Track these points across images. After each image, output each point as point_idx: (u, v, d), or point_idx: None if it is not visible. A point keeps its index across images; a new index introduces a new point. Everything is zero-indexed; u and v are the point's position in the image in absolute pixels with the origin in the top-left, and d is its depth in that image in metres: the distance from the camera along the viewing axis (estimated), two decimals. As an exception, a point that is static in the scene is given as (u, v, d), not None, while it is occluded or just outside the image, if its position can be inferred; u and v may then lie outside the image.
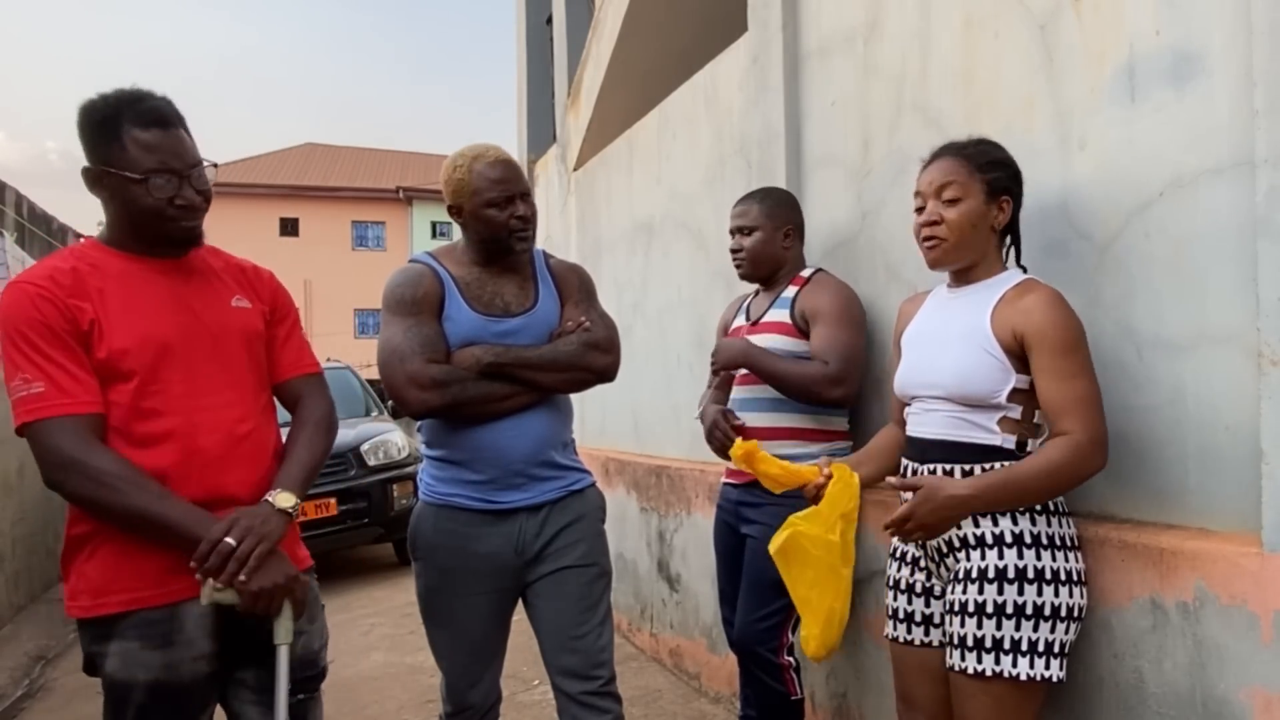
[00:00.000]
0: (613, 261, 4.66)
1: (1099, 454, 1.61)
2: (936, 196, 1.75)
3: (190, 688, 1.60)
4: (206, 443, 1.63)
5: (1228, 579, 1.50)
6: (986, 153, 1.76)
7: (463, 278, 2.06)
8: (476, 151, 2.04)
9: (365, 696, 3.84)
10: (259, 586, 1.54)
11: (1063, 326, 1.62)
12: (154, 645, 1.57)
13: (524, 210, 2.03)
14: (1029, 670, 1.59)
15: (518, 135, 6.69)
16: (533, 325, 2.06)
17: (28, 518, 6.11)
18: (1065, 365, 1.61)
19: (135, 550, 1.56)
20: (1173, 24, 1.65)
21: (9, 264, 4.79)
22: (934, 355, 1.77)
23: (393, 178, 29.09)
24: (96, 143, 1.59)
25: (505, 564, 2.04)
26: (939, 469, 1.72)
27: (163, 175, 1.59)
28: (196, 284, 1.71)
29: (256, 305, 1.80)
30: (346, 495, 6.29)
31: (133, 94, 1.61)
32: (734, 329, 2.62)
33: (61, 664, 4.83)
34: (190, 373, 1.64)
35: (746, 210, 2.53)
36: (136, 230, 1.65)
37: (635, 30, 4.50)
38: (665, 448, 4.00)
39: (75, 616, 1.61)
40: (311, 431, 1.79)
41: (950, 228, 1.73)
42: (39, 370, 1.52)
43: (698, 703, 3.42)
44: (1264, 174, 1.45)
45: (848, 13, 2.63)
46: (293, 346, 1.85)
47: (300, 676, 1.72)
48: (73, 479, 1.51)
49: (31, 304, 1.54)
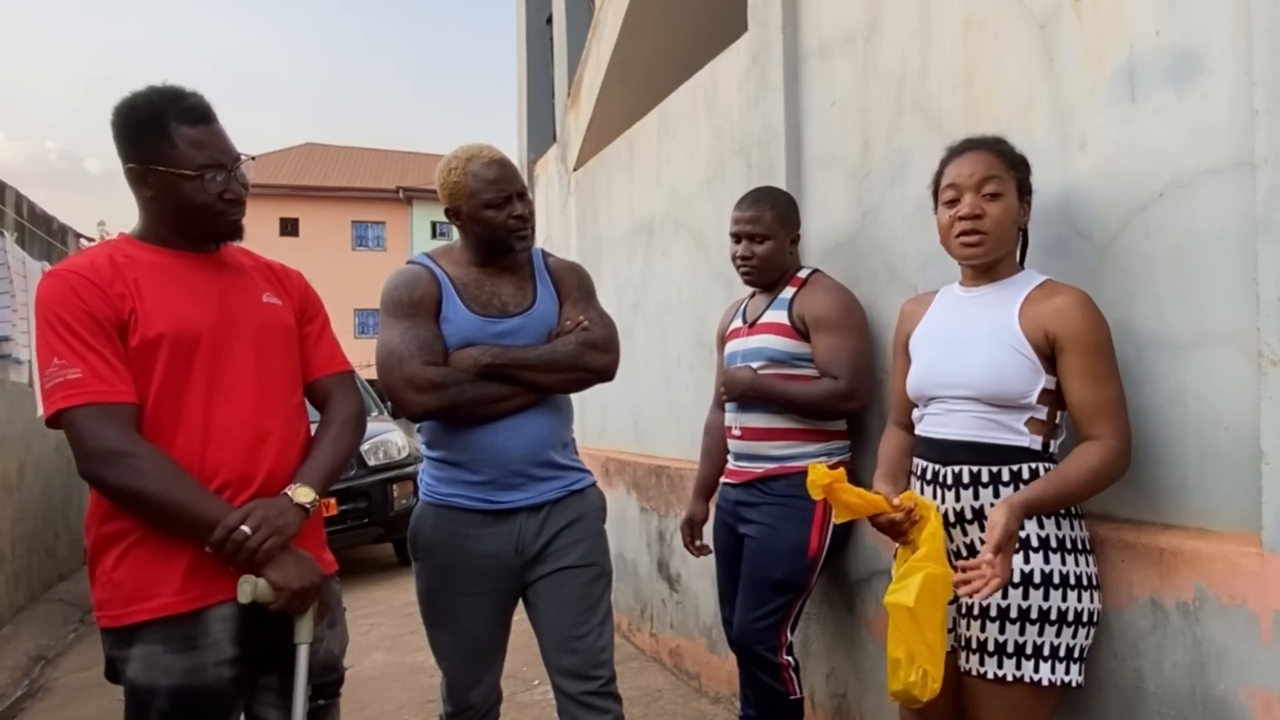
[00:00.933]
0: (613, 261, 4.66)
1: (1127, 459, 1.62)
2: (976, 190, 1.68)
3: (214, 693, 1.59)
4: (234, 435, 1.62)
5: (1228, 579, 1.50)
6: (1013, 151, 1.75)
7: (460, 279, 2.06)
8: (470, 152, 2.04)
9: (365, 696, 3.83)
10: (300, 585, 1.55)
11: (1095, 329, 1.62)
12: (178, 650, 1.56)
13: (521, 209, 2.02)
14: (1050, 675, 1.59)
15: (518, 135, 6.69)
16: (531, 325, 2.06)
17: (28, 518, 6.11)
18: (1098, 368, 1.61)
19: (162, 554, 1.55)
20: (1173, 24, 1.65)
21: (9, 264, 4.79)
22: (958, 355, 1.73)
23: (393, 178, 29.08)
24: (142, 141, 1.59)
25: (505, 564, 2.04)
26: (964, 470, 1.69)
27: (214, 170, 1.60)
28: (229, 279, 1.71)
29: (287, 303, 1.79)
30: (346, 495, 6.29)
31: (172, 91, 1.61)
32: (732, 331, 2.62)
33: (61, 664, 4.83)
34: (221, 365, 1.63)
35: (759, 217, 2.45)
36: (183, 226, 1.64)
37: (635, 30, 4.50)
38: (665, 448, 4.00)
39: (104, 626, 1.59)
40: (338, 430, 1.78)
41: (994, 223, 1.68)
42: (77, 356, 1.50)
43: (698, 703, 3.42)
44: (1264, 174, 1.45)
45: (848, 13, 2.63)
46: (324, 345, 1.85)
47: (321, 681, 1.72)
48: (113, 468, 1.49)
49: (73, 291, 1.53)
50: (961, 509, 1.70)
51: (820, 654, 2.75)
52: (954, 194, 1.72)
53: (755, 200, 2.50)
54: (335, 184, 28.64)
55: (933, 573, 1.58)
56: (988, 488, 1.67)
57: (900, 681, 1.60)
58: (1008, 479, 1.66)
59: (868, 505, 1.71)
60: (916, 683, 1.58)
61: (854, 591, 2.56)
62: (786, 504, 2.37)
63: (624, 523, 4.18)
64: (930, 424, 1.78)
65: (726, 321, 2.71)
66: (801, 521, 2.35)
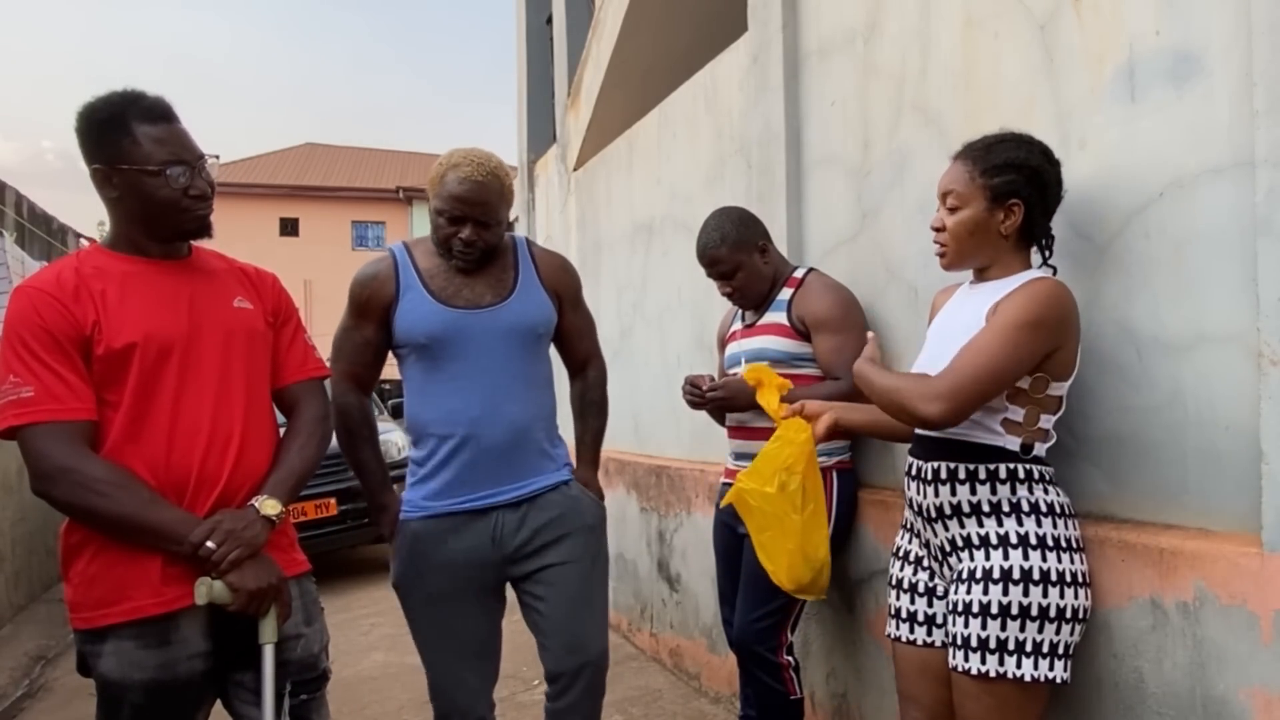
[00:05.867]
0: (613, 262, 4.66)
1: (935, 401, 1.61)
2: (941, 202, 1.76)
3: (186, 686, 1.61)
4: (197, 438, 1.62)
5: (1227, 579, 1.50)
6: (996, 154, 1.71)
7: (428, 270, 2.06)
8: (459, 160, 2.01)
9: (365, 696, 3.84)
10: (256, 587, 1.55)
11: (1021, 306, 1.62)
12: (151, 645, 1.57)
13: (471, 235, 1.98)
14: (1033, 671, 1.59)
15: (518, 135, 6.68)
16: (504, 316, 2.05)
17: (28, 518, 6.11)
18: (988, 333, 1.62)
19: (131, 557, 1.56)
20: (1173, 24, 1.65)
21: (9, 264, 4.79)
22: (943, 351, 1.75)
23: (393, 178, 29.04)
24: (104, 141, 1.60)
25: (485, 561, 2.03)
26: (943, 466, 1.71)
27: (177, 166, 1.61)
28: (199, 284, 1.72)
29: (258, 307, 1.79)
30: (346, 495, 6.27)
31: (132, 93, 1.63)
32: (731, 333, 2.62)
33: (61, 664, 4.83)
34: (190, 370, 1.64)
35: (717, 257, 2.43)
36: (150, 226, 1.65)
37: (635, 30, 4.50)
38: (665, 448, 4.00)
39: (78, 629, 1.60)
40: (304, 439, 1.78)
41: (950, 235, 1.74)
42: (30, 374, 1.51)
43: (698, 703, 3.42)
44: (1264, 174, 1.45)
45: (848, 13, 2.63)
46: (296, 350, 1.85)
47: (301, 679, 1.73)
48: (60, 486, 1.51)
49: (33, 308, 1.54)
50: (941, 504, 1.72)
51: (820, 654, 2.75)
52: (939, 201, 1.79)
53: (705, 244, 2.47)
54: (335, 184, 28.60)
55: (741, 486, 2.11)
56: (965, 484, 1.69)
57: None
58: (984, 477, 1.67)
59: (771, 412, 2.18)
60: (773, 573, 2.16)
61: (854, 591, 2.56)
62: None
63: (624, 523, 4.18)
64: None
65: (726, 323, 2.71)
66: (801, 521, 2.35)
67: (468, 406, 2.01)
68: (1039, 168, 1.71)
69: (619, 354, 4.33)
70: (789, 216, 2.89)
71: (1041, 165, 1.71)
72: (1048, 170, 1.72)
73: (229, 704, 1.72)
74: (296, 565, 1.77)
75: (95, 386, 1.57)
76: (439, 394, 2.03)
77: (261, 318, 1.79)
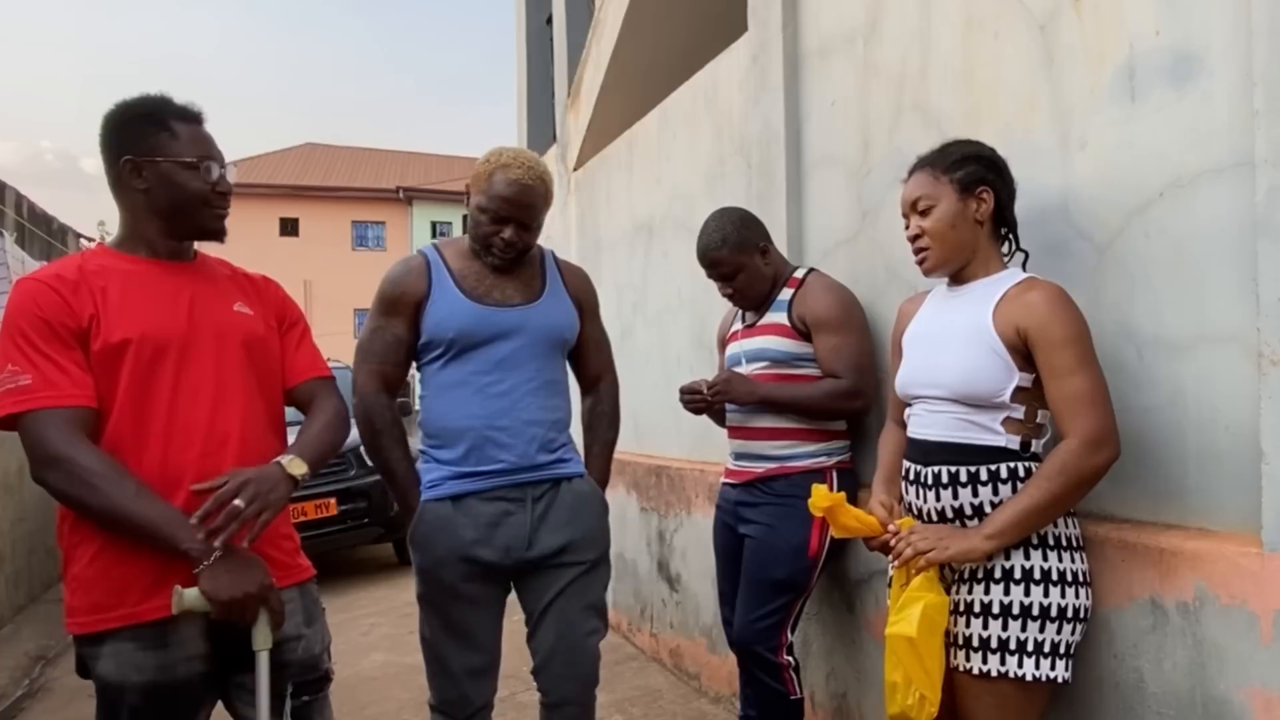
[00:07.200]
0: (613, 262, 4.66)
1: (1098, 450, 1.58)
2: (914, 211, 1.79)
3: (185, 688, 1.60)
4: (193, 438, 1.63)
5: (1228, 579, 1.50)
6: (952, 153, 1.78)
7: (460, 270, 2.08)
8: (509, 161, 2.03)
9: (365, 696, 3.84)
10: (229, 596, 1.52)
11: (1063, 322, 1.61)
12: (149, 647, 1.57)
13: (513, 236, 2.02)
14: (1035, 671, 1.59)
15: (518, 135, 6.69)
16: (534, 316, 2.08)
17: (28, 518, 6.11)
18: (1062, 361, 1.61)
19: (128, 561, 1.55)
20: (1173, 24, 1.65)
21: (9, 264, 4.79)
22: (936, 355, 1.76)
23: (393, 178, 29.07)
24: (142, 134, 1.65)
25: (497, 557, 2.03)
26: (943, 471, 1.71)
27: (210, 161, 1.69)
28: (201, 287, 1.73)
29: (259, 312, 1.81)
30: (346, 495, 6.28)
31: (166, 96, 1.71)
32: (731, 333, 2.62)
33: (61, 664, 4.83)
34: (187, 371, 1.64)
35: (718, 259, 2.43)
36: (173, 220, 1.68)
37: (635, 30, 4.50)
38: (665, 448, 4.00)
39: (73, 633, 1.61)
40: (327, 420, 1.80)
41: (931, 235, 1.76)
42: (28, 362, 1.52)
43: (698, 703, 3.42)
44: (1264, 174, 1.45)
45: (848, 13, 2.63)
46: (305, 352, 1.87)
47: (302, 680, 1.73)
48: (54, 474, 1.51)
49: (31, 299, 1.56)
50: (942, 508, 1.72)
51: (820, 654, 2.75)
52: (905, 220, 1.82)
53: (706, 246, 2.47)
54: (335, 184, 28.62)
55: (931, 601, 1.65)
56: (966, 487, 1.69)
57: (898, 705, 1.66)
58: (986, 478, 1.67)
59: (864, 528, 1.83)
60: (914, 705, 1.64)
61: (854, 592, 2.56)
62: (787, 504, 2.37)
63: (624, 523, 4.18)
64: (914, 425, 1.81)
65: (727, 324, 2.71)
66: (802, 522, 2.34)
67: (490, 402, 2.03)
68: (993, 156, 1.79)
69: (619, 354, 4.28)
70: (789, 216, 2.89)
71: (994, 154, 1.79)
72: (1000, 159, 1.79)
73: (230, 705, 1.72)
74: (301, 572, 1.78)
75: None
76: (463, 390, 2.04)
77: (263, 323, 1.80)
